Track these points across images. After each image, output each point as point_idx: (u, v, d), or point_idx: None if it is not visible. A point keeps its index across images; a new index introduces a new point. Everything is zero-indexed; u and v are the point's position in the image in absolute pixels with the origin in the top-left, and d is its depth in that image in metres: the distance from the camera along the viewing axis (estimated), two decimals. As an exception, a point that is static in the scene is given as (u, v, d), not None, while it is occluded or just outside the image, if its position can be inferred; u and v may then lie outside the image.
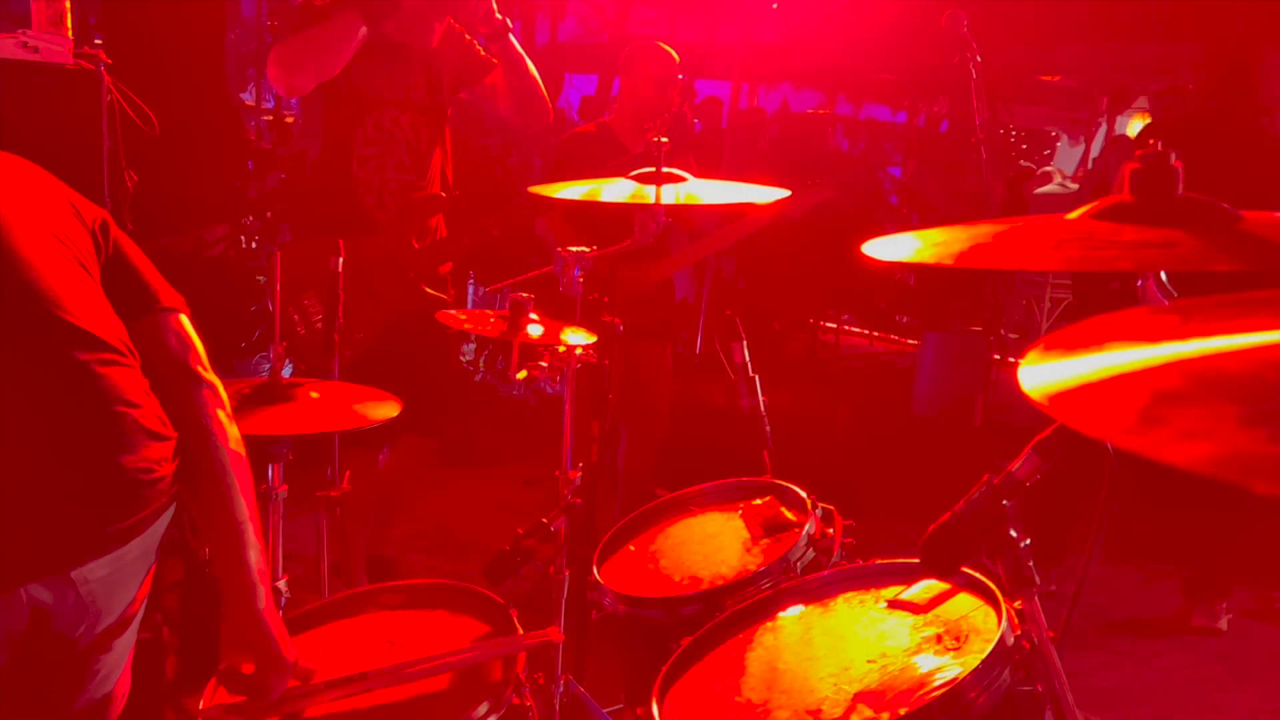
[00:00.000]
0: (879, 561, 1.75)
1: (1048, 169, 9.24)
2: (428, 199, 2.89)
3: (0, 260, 1.37)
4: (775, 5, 3.30)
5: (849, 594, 1.69)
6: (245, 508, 1.53)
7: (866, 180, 5.51)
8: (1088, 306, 3.51)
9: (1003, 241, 1.05)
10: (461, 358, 5.61)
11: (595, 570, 1.98)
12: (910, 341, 7.33)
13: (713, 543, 2.04)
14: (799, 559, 1.83)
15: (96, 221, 1.56)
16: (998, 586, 1.44)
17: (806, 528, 1.88)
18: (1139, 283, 1.32)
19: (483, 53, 2.98)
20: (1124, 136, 7.82)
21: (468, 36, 2.98)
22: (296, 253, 2.85)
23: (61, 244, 1.45)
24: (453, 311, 2.17)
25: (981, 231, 1.05)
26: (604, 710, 2.03)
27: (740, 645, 1.65)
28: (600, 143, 3.24)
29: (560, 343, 1.96)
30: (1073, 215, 1.07)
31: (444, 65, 2.91)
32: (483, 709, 1.51)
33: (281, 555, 2.08)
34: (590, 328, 2.08)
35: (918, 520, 4.58)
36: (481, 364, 5.64)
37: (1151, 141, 1.02)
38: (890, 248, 1.01)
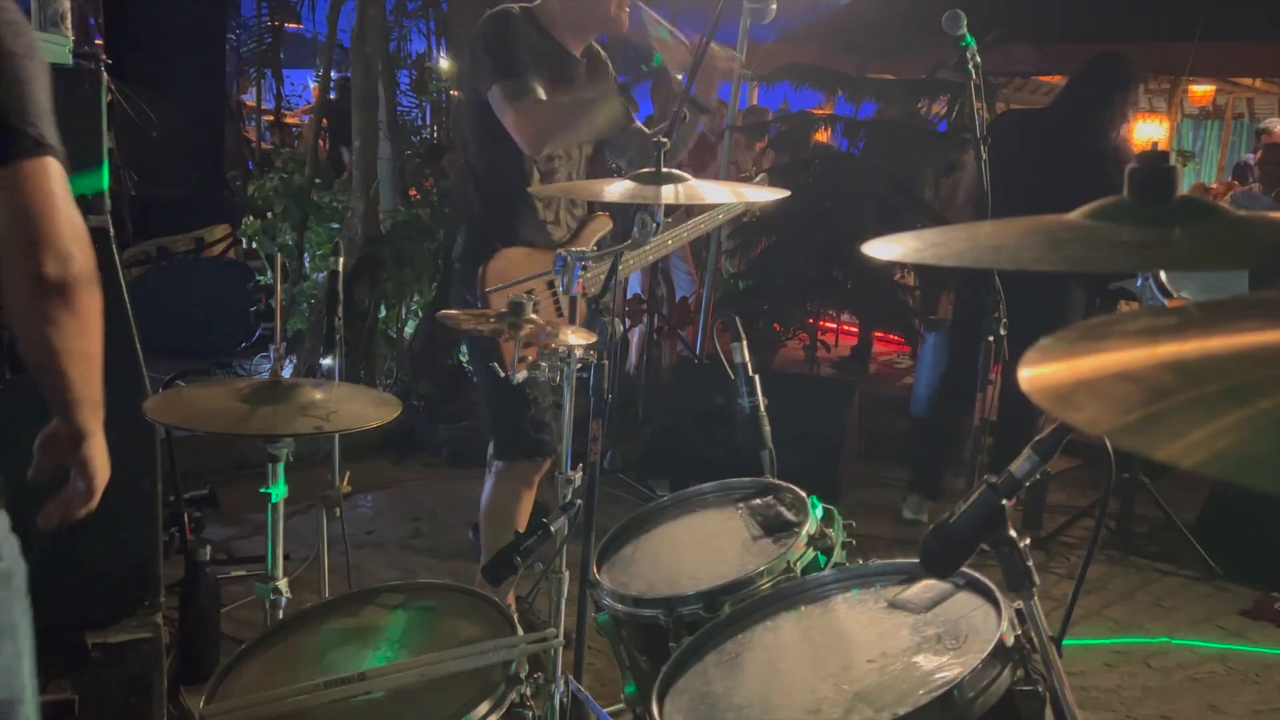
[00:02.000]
0: (879, 561, 1.75)
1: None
2: (600, 218, 2.91)
3: None
4: (774, 5, 3.32)
5: (849, 594, 1.69)
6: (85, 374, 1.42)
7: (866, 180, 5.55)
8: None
9: (1002, 241, 1.05)
10: (460, 358, 5.61)
11: (595, 570, 1.98)
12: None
13: (713, 543, 2.04)
14: (799, 559, 1.83)
15: None
16: (997, 586, 1.44)
17: (806, 528, 1.88)
18: (1138, 282, 1.32)
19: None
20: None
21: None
22: (495, 271, 2.78)
23: None
24: (453, 311, 2.16)
25: (981, 231, 1.04)
26: (604, 710, 2.03)
27: (740, 645, 1.65)
28: None
29: (560, 343, 1.96)
30: (1072, 215, 1.06)
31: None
32: (483, 709, 1.52)
33: (281, 555, 2.08)
34: (590, 327, 2.08)
35: (917, 522, 4.62)
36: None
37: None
38: (890, 248, 1.01)
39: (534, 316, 1.98)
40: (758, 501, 2.10)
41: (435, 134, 7.82)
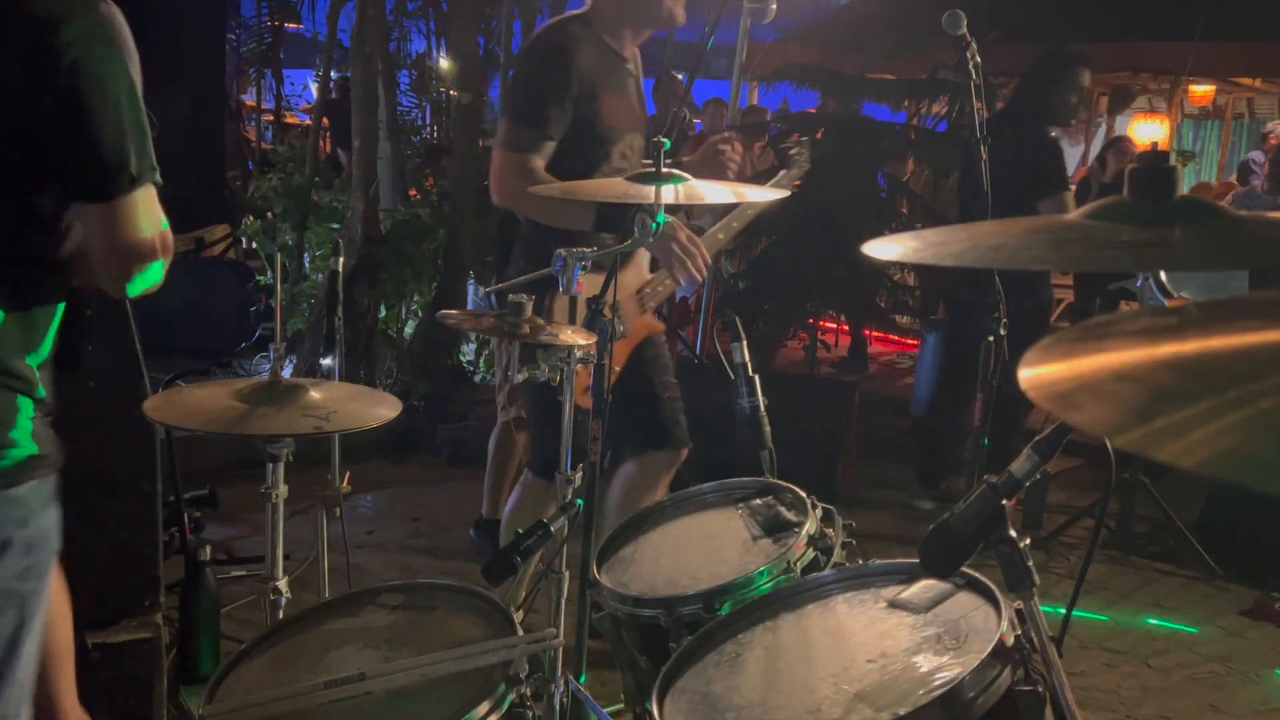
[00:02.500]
0: (879, 561, 1.75)
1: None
2: None
3: None
4: (774, 5, 3.34)
5: (849, 594, 1.69)
6: None
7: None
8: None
9: (1002, 241, 1.05)
10: (460, 358, 5.61)
11: (595, 570, 1.98)
12: (910, 341, 7.33)
13: (713, 543, 2.04)
14: (798, 559, 1.83)
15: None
16: (997, 586, 1.44)
17: (806, 528, 1.88)
18: (1138, 283, 1.32)
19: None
20: (1122, 137, 7.82)
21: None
22: (563, 302, 2.74)
23: None
24: (453, 311, 2.16)
25: (981, 231, 1.05)
26: (604, 710, 2.03)
27: (740, 645, 1.65)
28: None
29: (560, 343, 1.96)
30: (1072, 215, 1.07)
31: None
32: (483, 709, 1.51)
33: (281, 555, 2.08)
34: (590, 327, 2.08)
35: (918, 520, 4.64)
36: (481, 364, 5.65)
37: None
38: (890, 248, 1.01)
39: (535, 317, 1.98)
40: (758, 501, 2.10)
41: (435, 134, 7.83)
